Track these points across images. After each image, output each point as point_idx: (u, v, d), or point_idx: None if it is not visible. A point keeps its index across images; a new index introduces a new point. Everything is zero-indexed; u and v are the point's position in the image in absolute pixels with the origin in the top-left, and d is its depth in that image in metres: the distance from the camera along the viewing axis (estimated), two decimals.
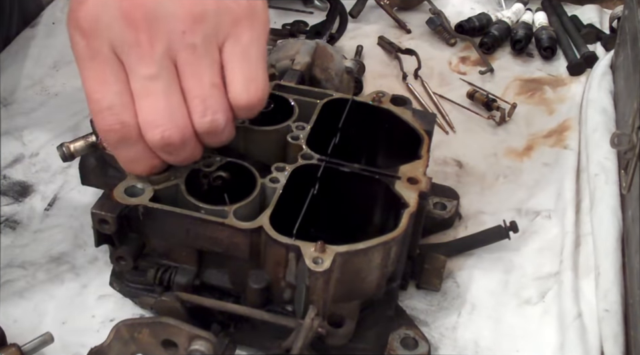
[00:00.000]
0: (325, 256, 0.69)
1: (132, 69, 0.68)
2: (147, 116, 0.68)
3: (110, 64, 0.68)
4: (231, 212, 0.73)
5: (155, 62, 0.67)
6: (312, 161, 0.80)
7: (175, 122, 0.68)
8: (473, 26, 1.34)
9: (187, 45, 0.67)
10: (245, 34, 0.69)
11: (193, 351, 0.68)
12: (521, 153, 1.10)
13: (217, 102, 0.69)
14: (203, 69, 0.68)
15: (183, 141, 0.69)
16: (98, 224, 0.74)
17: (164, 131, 0.68)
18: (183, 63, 0.68)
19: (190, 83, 0.68)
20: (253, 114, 0.73)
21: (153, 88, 0.67)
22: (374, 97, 0.88)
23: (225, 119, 0.70)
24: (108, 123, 0.68)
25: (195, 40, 0.67)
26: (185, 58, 0.68)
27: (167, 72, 0.67)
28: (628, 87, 1.05)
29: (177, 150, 0.70)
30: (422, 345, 0.77)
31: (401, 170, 0.79)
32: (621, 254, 0.89)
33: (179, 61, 0.68)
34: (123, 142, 0.70)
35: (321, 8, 1.39)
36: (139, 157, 0.72)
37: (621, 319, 0.81)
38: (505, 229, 0.91)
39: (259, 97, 0.71)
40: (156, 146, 0.70)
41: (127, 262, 0.77)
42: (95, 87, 0.68)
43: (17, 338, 0.73)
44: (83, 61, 0.69)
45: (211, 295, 0.77)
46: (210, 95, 0.69)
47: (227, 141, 0.74)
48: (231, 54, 0.69)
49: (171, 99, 0.68)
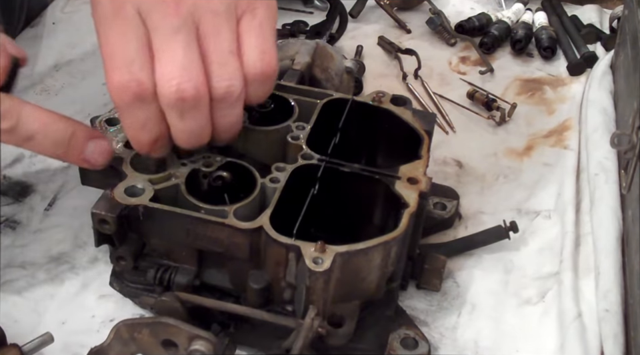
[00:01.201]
0: (325, 256, 0.69)
1: (155, 25, 0.69)
2: (164, 69, 0.69)
3: (133, 22, 0.69)
4: (231, 212, 0.73)
5: (179, 17, 0.68)
6: (312, 161, 0.80)
7: (191, 77, 0.69)
8: (472, 26, 1.34)
9: (211, 11, 0.70)
10: (261, 11, 0.72)
11: (193, 351, 0.68)
12: (521, 153, 1.10)
13: (233, 69, 0.71)
14: (223, 35, 0.70)
15: (197, 99, 0.70)
16: (98, 224, 0.74)
17: (180, 83, 0.69)
18: (205, 27, 0.70)
19: (210, 47, 0.70)
20: (264, 91, 0.75)
21: (173, 43, 0.69)
22: (374, 97, 0.88)
23: (240, 87, 0.71)
24: (125, 80, 0.69)
25: (219, 7, 0.70)
26: (208, 22, 0.70)
27: (188, 30, 0.69)
28: (628, 87, 1.05)
29: (189, 111, 0.71)
30: (422, 345, 0.77)
31: (401, 170, 0.79)
32: (620, 254, 0.89)
33: (202, 25, 0.70)
34: (137, 102, 0.70)
35: (320, 8, 1.39)
36: (148, 121, 0.72)
37: (621, 319, 0.81)
38: (505, 229, 0.91)
39: (272, 68, 0.73)
40: (170, 101, 0.70)
41: (127, 262, 0.77)
42: (114, 44, 0.69)
43: (17, 338, 0.73)
44: (105, 20, 0.70)
45: (211, 296, 0.77)
46: (228, 61, 0.71)
47: (235, 132, 0.75)
48: (248, 26, 0.72)
49: (190, 55, 0.69)
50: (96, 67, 1.19)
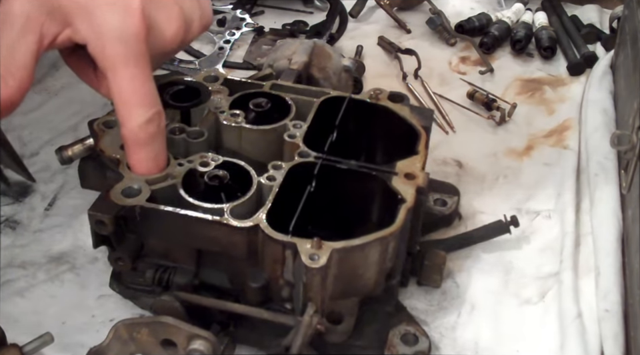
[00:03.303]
0: (322, 252, 0.69)
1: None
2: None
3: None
4: (227, 211, 0.73)
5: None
6: (309, 158, 0.80)
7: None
8: (473, 26, 1.34)
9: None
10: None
11: (192, 350, 0.68)
12: (521, 153, 1.10)
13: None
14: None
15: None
16: (95, 225, 0.74)
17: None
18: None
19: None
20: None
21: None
22: (371, 94, 0.88)
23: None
24: (152, 114, 0.73)
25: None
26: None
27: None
28: (628, 87, 1.05)
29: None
30: (422, 341, 0.76)
31: (398, 166, 0.79)
32: (620, 254, 0.89)
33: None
34: (159, 133, 0.74)
35: (321, 8, 1.40)
36: (161, 152, 0.75)
37: (621, 319, 0.81)
38: (506, 223, 0.91)
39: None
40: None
41: (125, 263, 0.77)
42: (133, 85, 0.72)
43: (16, 338, 0.73)
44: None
45: (210, 295, 0.77)
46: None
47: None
48: None
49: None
50: None
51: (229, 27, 1.33)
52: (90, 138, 0.84)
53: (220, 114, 0.85)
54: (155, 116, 0.72)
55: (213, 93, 0.87)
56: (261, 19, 1.39)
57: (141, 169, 0.75)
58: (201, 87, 0.87)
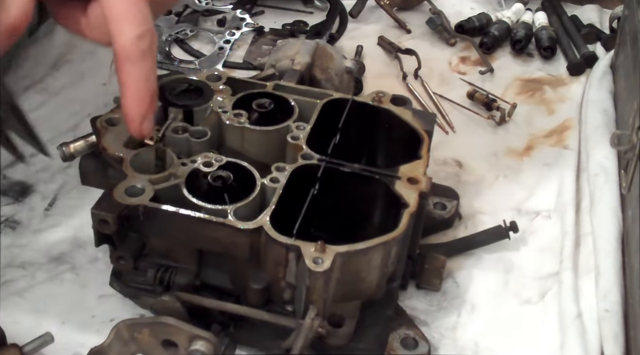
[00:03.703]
0: (325, 256, 0.69)
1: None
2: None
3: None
4: (231, 212, 0.73)
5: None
6: (312, 161, 0.80)
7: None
8: (473, 26, 1.34)
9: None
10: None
11: (193, 351, 0.68)
12: (521, 152, 1.10)
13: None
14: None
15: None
16: (98, 224, 0.73)
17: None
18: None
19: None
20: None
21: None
22: (374, 97, 0.88)
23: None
24: (142, 30, 0.70)
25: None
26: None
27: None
28: (628, 87, 1.05)
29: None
30: (422, 345, 0.77)
31: (401, 170, 0.79)
32: (620, 254, 0.89)
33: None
34: (150, 51, 0.71)
35: (321, 8, 1.40)
36: (151, 71, 0.72)
37: (621, 319, 0.81)
38: (505, 229, 0.91)
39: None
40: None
41: (127, 262, 0.77)
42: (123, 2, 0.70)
43: (17, 338, 0.73)
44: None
45: (211, 295, 0.77)
46: None
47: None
48: None
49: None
50: (96, 67, 1.19)
51: (228, 27, 1.33)
52: (92, 135, 0.84)
53: (223, 114, 0.85)
54: (147, 33, 0.70)
55: (216, 92, 0.87)
56: (261, 19, 1.38)
57: (131, 89, 0.72)
58: (204, 87, 0.87)
